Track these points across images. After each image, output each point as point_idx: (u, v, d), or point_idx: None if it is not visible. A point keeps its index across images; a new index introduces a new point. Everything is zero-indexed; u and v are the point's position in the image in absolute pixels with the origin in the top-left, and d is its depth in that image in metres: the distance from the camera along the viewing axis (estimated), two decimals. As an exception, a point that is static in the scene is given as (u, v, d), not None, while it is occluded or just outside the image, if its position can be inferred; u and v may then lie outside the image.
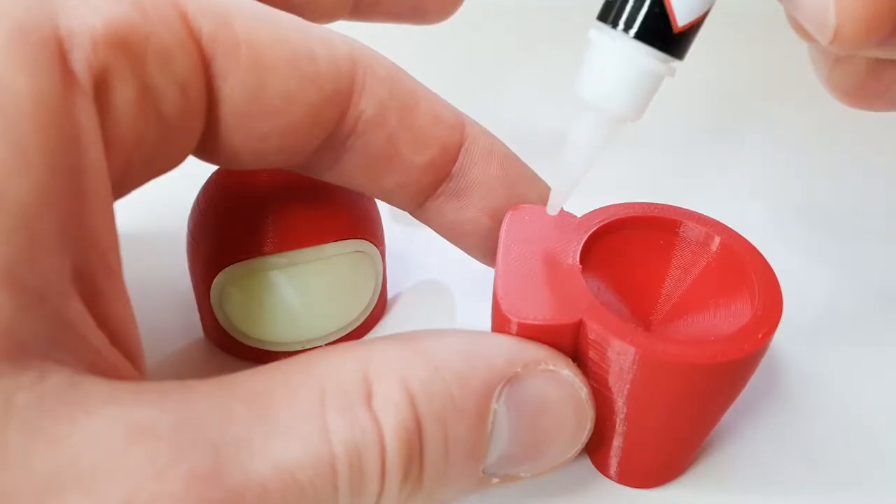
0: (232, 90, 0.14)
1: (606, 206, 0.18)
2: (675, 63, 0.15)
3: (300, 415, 0.13)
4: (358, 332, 0.21)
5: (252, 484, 0.12)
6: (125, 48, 0.13)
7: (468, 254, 0.20)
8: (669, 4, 0.14)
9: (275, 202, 0.19)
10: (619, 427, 0.16)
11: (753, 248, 0.17)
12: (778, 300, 0.16)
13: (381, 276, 0.21)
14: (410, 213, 0.19)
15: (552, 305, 0.15)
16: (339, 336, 0.21)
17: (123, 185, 0.14)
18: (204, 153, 0.16)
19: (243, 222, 0.19)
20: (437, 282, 0.24)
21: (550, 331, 0.15)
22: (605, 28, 0.15)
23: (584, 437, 0.15)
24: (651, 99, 0.15)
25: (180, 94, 0.14)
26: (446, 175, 0.18)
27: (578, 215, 0.18)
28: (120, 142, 0.13)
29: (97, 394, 0.11)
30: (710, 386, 0.15)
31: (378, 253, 0.21)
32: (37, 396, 0.11)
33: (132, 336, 0.13)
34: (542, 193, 0.19)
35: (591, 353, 0.15)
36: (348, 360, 0.14)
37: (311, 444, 0.12)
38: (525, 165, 0.19)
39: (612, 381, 0.15)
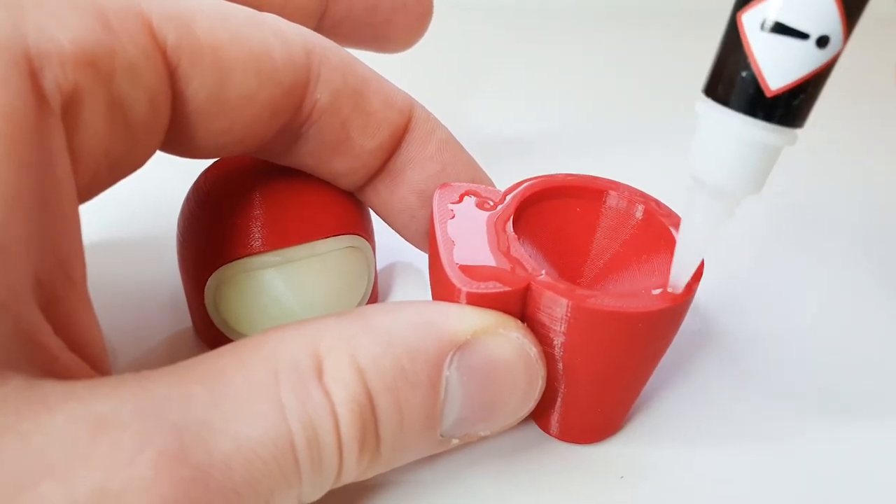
0: (195, 92, 0.15)
1: (531, 178, 0.19)
2: (795, 131, 0.14)
3: (256, 393, 0.13)
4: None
5: (217, 462, 0.12)
6: (93, 66, 0.13)
7: (399, 234, 0.21)
8: (758, 67, 0.13)
9: (266, 200, 0.19)
10: (561, 383, 0.17)
11: (675, 215, 0.18)
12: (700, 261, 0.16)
13: (373, 271, 0.22)
14: (356, 195, 0.20)
15: (498, 273, 0.16)
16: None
17: (90, 190, 0.15)
18: (165, 148, 0.16)
19: (235, 222, 0.19)
20: (424, 273, 0.25)
21: (499, 298, 0.16)
22: (710, 101, 0.14)
23: (536, 394, 0.16)
24: (770, 169, 0.14)
25: (148, 103, 0.14)
26: (392, 157, 0.19)
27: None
28: (89, 155, 0.14)
29: (56, 393, 0.12)
30: (642, 335, 0.16)
31: (370, 248, 0.21)
32: None
33: (94, 342, 0.14)
34: (475, 178, 0.20)
35: (538, 316, 0.16)
36: (299, 338, 0.14)
37: (269, 421, 0.13)
38: (463, 150, 0.20)
39: (553, 338, 0.16)
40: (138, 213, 0.26)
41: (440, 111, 0.20)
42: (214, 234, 0.19)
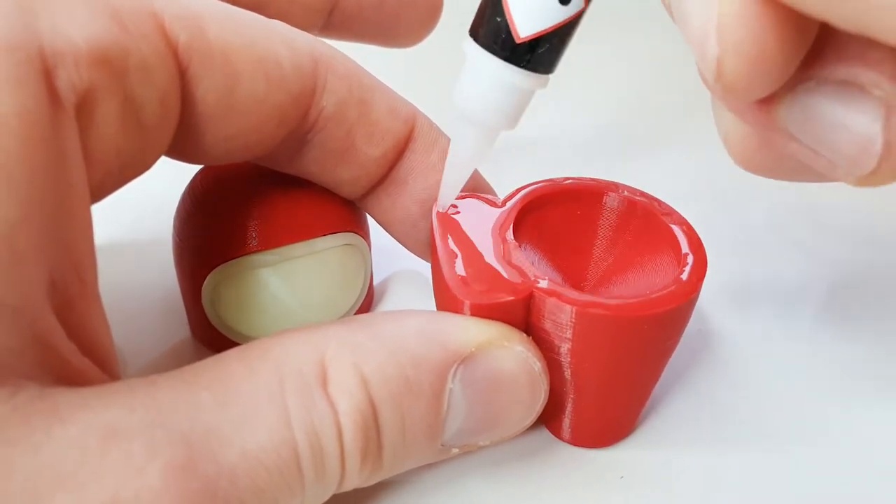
0: (205, 95, 0.15)
1: (529, 185, 0.19)
2: (545, 76, 0.15)
3: (262, 400, 0.13)
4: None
5: (224, 471, 0.12)
6: (107, 65, 0.13)
7: (401, 243, 0.21)
8: (510, 15, 0.14)
9: (263, 199, 0.19)
10: (569, 388, 0.17)
11: (676, 213, 0.18)
12: (702, 258, 0.17)
13: (369, 269, 0.22)
14: (356, 202, 0.20)
15: (501, 283, 0.16)
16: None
17: (101, 191, 0.15)
18: (172, 152, 0.16)
19: (231, 221, 0.19)
20: (419, 270, 0.25)
21: (504, 308, 0.16)
22: (471, 41, 0.15)
23: (538, 407, 0.16)
24: (524, 109, 0.16)
25: (159, 104, 0.14)
26: (395, 166, 0.19)
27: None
28: (101, 155, 0.14)
29: (67, 402, 0.12)
30: (648, 337, 0.16)
31: (366, 245, 0.21)
32: (11, 409, 0.11)
33: (104, 344, 0.14)
34: (476, 186, 0.20)
35: (543, 323, 0.16)
36: (305, 345, 0.14)
37: (274, 429, 0.13)
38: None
39: (559, 344, 0.16)
40: (133, 213, 0.26)
41: (439, 111, 0.20)
42: (211, 233, 0.19)
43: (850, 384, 0.21)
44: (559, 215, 0.19)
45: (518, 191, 0.19)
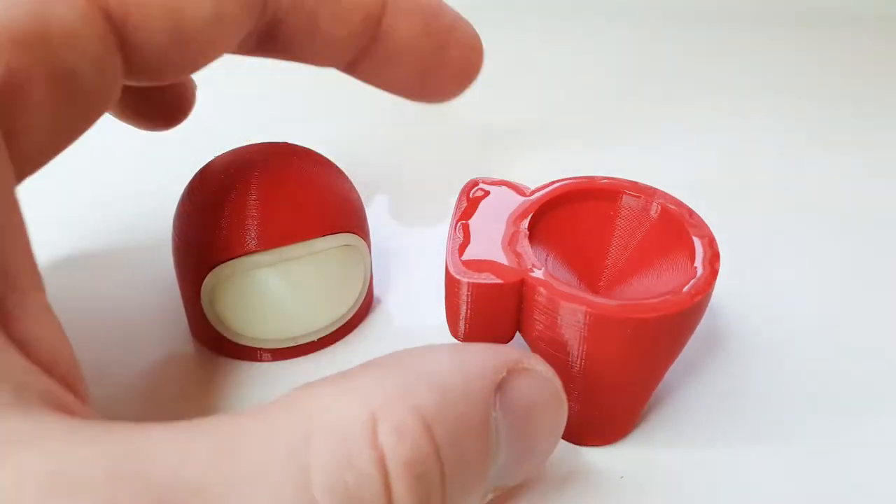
0: (152, 37, 0.15)
1: (555, 181, 0.19)
2: None
3: (276, 457, 0.11)
4: (348, 326, 0.22)
5: None
6: (28, 45, 0.12)
7: (399, 96, 0.21)
8: None
9: (261, 199, 0.19)
10: (575, 389, 0.17)
11: (691, 210, 0.18)
12: (716, 257, 0.17)
13: (369, 270, 0.22)
14: (340, 71, 0.20)
15: (494, 267, 0.16)
16: (330, 330, 0.21)
17: (32, 166, 0.14)
18: (129, 80, 0.16)
19: (231, 221, 0.19)
20: (419, 270, 0.25)
21: (492, 290, 0.16)
22: None
23: (562, 428, 0.15)
24: None
25: (93, 67, 0.14)
26: (372, 40, 0.18)
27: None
28: (31, 134, 0.13)
29: (17, 433, 0.10)
30: (659, 337, 0.16)
31: (366, 246, 0.21)
32: None
33: (61, 359, 0.12)
34: (463, 38, 0.19)
35: (542, 317, 0.16)
36: (343, 396, 0.12)
37: (283, 490, 0.10)
38: (447, 10, 0.19)
39: (568, 344, 0.16)
40: (133, 213, 0.26)
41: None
42: (210, 233, 0.19)
43: (857, 384, 0.21)
44: (579, 214, 0.19)
45: (550, 183, 0.19)
